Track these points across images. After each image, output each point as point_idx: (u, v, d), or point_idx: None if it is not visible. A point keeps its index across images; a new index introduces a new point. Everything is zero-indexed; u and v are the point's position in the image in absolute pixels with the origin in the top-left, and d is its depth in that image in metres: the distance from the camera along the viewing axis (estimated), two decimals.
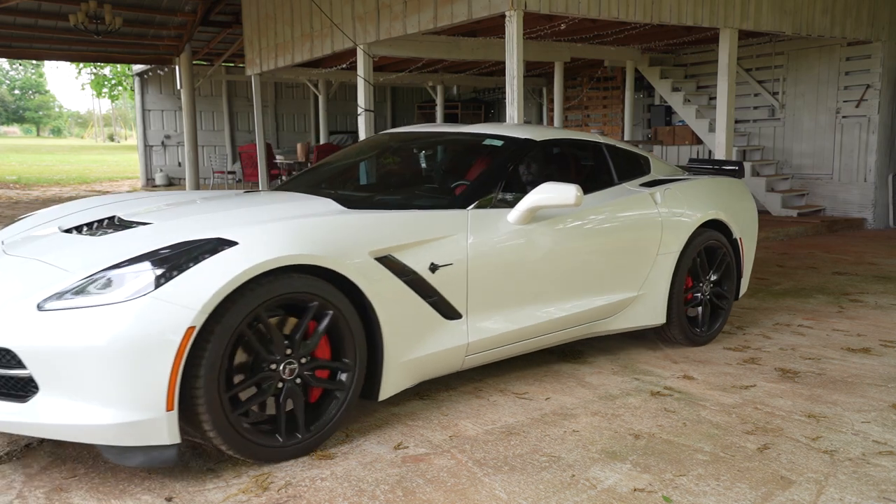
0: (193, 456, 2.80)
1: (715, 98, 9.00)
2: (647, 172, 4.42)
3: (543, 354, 4.01)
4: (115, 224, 3.25)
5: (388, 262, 2.97)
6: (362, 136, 8.75)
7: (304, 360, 2.79)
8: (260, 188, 12.70)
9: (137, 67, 17.40)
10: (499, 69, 13.13)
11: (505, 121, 6.58)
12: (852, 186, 9.92)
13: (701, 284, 4.32)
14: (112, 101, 38.35)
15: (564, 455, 2.82)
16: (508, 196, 3.55)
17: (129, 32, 13.59)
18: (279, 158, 14.30)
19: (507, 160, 3.76)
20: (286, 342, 2.74)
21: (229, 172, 14.96)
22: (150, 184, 17.39)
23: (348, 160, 4.58)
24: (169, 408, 2.44)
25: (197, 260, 2.54)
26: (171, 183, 17.40)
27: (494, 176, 3.63)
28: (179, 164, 17.53)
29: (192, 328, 2.44)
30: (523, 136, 3.92)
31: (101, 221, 3.35)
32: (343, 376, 2.90)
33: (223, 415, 2.55)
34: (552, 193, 3.35)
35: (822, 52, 10.05)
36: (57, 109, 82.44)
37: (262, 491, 2.53)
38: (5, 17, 12.70)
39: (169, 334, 2.41)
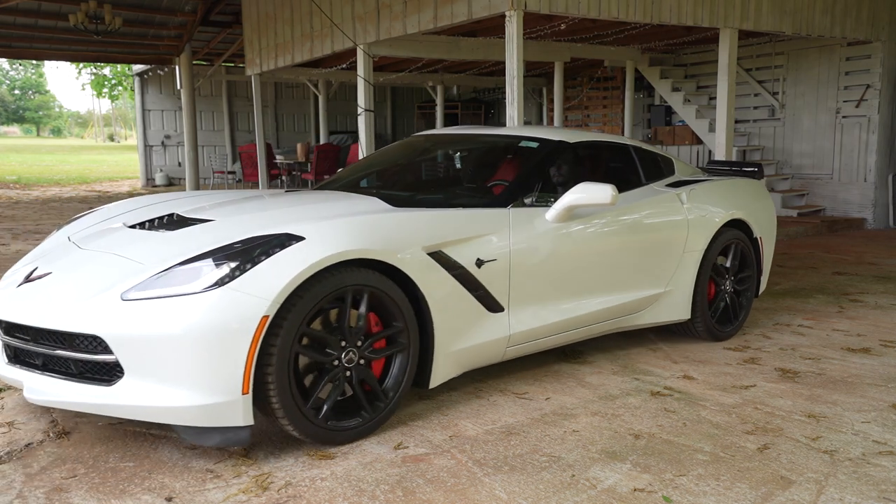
0: (194, 456, 2.80)
1: (715, 98, 9.00)
2: (672, 173, 4.58)
3: (543, 355, 4.01)
4: (174, 221, 3.44)
5: (438, 257, 3.13)
6: (362, 136, 8.75)
7: (361, 362, 2.94)
8: (260, 188, 12.69)
9: (137, 67, 17.39)
10: (499, 69, 13.12)
11: (505, 121, 6.59)
12: (852, 186, 9.92)
13: (723, 281, 4.46)
14: (112, 101, 38.36)
15: (564, 455, 2.82)
16: (545, 196, 3.71)
17: (128, 32, 13.59)
18: (279, 158, 14.30)
19: (542, 161, 3.93)
20: (358, 333, 2.91)
21: (229, 172, 14.96)
22: (150, 184, 17.38)
23: (386, 161, 4.78)
24: (244, 391, 2.60)
25: (268, 254, 2.70)
26: (171, 183, 17.39)
27: (532, 176, 3.80)
28: (179, 164, 17.52)
29: (265, 317, 2.61)
30: (557, 139, 4.10)
31: (161, 218, 3.55)
32: (379, 405, 3.01)
33: (291, 399, 2.71)
34: (589, 193, 3.52)
35: (822, 52, 10.05)
36: (57, 109, 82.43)
37: (262, 491, 2.53)
38: (5, 17, 12.70)
39: (245, 322, 2.58)
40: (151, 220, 3.52)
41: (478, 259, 3.26)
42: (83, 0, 11.87)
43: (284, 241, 2.76)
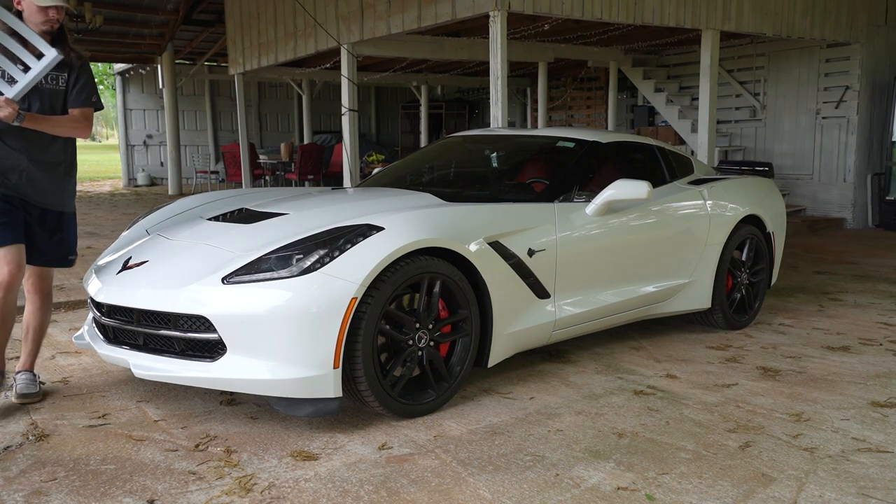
0: (176, 458, 2.78)
1: (697, 99, 9.07)
2: (692, 172, 4.87)
3: (527, 354, 4.02)
4: (247, 214, 3.70)
5: (497, 247, 3.39)
6: (346, 136, 8.73)
7: (431, 344, 3.17)
8: (244, 187, 12.62)
9: (119, 66, 17.22)
10: (483, 69, 13.14)
11: (489, 121, 6.60)
12: (832, 186, 10.03)
13: (740, 273, 4.72)
14: None
15: (548, 454, 2.82)
16: (583, 192, 3.96)
17: (109, 31, 13.44)
18: (263, 158, 14.22)
19: (581, 160, 4.21)
20: (429, 317, 3.16)
21: (212, 172, 14.86)
22: (132, 184, 17.21)
23: (426, 161, 5.01)
24: (335, 366, 2.85)
25: (353, 242, 2.96)
26: (154, 183, 17.23)
27: (574, 173, 4.11)
28: (162, 164, 17.37)
29: (354, 299, 2.86)
30: (591, 139, 4.37)
31: (233, 212, 3.84)
32: (444, 384, 3.24)
33: (374, 374, 2.96)
34: (627, 189, 3.77)
35: (803, 53, 10.15)
36: None
37: (246, 493, 2.51)
38: None
39: (337, 303, 2.82)
40: (224, 214, 3.78)
41: (529, 249, 3.51)
42: None
43: (366, 231, 3.01)
